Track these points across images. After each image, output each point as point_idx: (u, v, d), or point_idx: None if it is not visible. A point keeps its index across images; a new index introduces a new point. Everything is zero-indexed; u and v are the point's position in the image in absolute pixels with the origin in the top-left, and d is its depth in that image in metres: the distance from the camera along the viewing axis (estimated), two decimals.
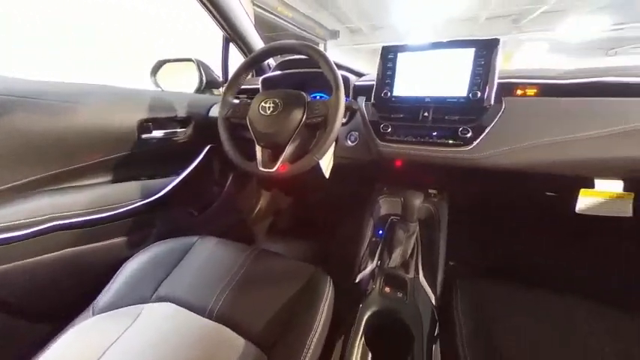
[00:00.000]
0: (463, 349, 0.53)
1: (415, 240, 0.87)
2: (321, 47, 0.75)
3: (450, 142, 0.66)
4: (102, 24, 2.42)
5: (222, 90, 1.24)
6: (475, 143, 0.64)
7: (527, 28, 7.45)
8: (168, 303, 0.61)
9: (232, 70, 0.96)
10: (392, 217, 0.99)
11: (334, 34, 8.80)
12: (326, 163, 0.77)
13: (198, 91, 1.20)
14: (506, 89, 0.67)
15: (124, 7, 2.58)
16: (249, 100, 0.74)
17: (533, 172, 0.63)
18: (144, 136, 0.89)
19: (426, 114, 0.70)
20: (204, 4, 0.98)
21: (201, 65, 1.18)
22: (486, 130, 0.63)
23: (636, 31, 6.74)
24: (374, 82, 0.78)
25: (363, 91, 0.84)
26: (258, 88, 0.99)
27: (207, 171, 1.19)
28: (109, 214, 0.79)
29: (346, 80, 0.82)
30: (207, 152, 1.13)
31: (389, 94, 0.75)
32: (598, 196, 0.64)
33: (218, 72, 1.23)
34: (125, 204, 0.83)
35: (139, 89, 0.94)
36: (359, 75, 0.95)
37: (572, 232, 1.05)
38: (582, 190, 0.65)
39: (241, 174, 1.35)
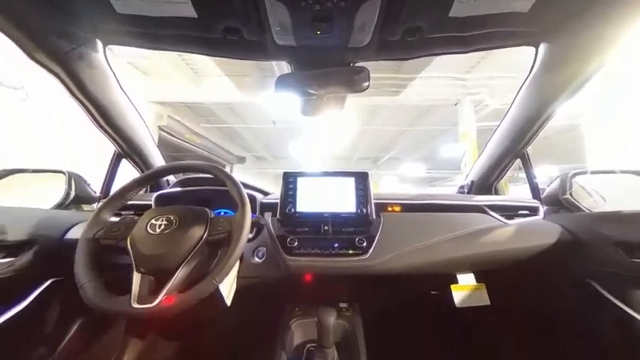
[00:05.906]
0: None
1: None
2: (227, 169, 0.80)
3: (350, 251, 0.75)
4: None
5: (96, 206, 1.02)
6: (370, 251, 0.75)
7: (383, 167, 11.15)
8: None
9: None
10: (308, 346, 0.86)
11: (241, 160, 9.84)
12: (227, 288, 0.66)
13: (60, 206, 0.95)
14: (381, 207, 0.88)
15: None
16: (135, 218, 0.63)
17: (416, 272, 0.75)
18: None
19: (326, 227, 0.79)
20: (93, 118, 0.89)
21: (74, 178, 0.99)
22: (376, 239, 0.77)
23: (438, 174, 11.12)
24: (278, 200, 0.84)
25: (269, 207, 0.89)
26: (149, 204, 0.87)
27: (38, 318, 0.79)
28: None
29: (252, 198, 0.86)
30: (44, 290, 0.78)
31: (293, 209, 0.83)
32: (464, 289, 0.81)
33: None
34: None
35: None
36: (265, 193, 1.02)
37: (460, 327, 1.17)
38: (452, 286, 0.81)
39: (97, 319, 0.95)
